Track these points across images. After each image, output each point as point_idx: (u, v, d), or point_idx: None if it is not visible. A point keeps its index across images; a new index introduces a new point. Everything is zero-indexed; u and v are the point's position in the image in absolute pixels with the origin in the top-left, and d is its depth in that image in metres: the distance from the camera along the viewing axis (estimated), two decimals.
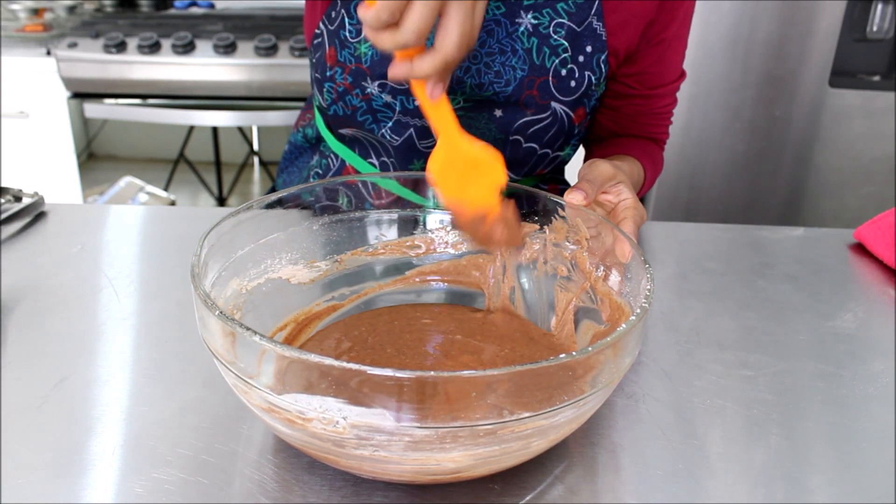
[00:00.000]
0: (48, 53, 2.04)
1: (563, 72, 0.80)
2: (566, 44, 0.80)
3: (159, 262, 0.80)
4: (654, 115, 0.92)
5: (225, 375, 0.49)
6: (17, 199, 0.87)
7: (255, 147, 2.85)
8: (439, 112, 0.59)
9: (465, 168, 0.61)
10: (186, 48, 2.01)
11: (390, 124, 0.84)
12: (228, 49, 2.01)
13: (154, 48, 2.01)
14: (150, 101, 2.09)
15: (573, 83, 0.81)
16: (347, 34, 0.79)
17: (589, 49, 0.81)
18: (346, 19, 0.79)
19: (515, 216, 0.65)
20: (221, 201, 2.57)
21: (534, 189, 0.68)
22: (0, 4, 2.25)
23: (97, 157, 2.84)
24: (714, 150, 1.81)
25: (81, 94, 2.08)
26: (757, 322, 0.74)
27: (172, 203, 2.41)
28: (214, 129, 2.46)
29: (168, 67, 2.02)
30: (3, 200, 0.86)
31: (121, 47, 2.01)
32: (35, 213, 0.88)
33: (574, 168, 0.77)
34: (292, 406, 0.45)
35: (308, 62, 1.99)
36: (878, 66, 1.77)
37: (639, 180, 0.86)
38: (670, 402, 0.62)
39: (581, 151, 0.98)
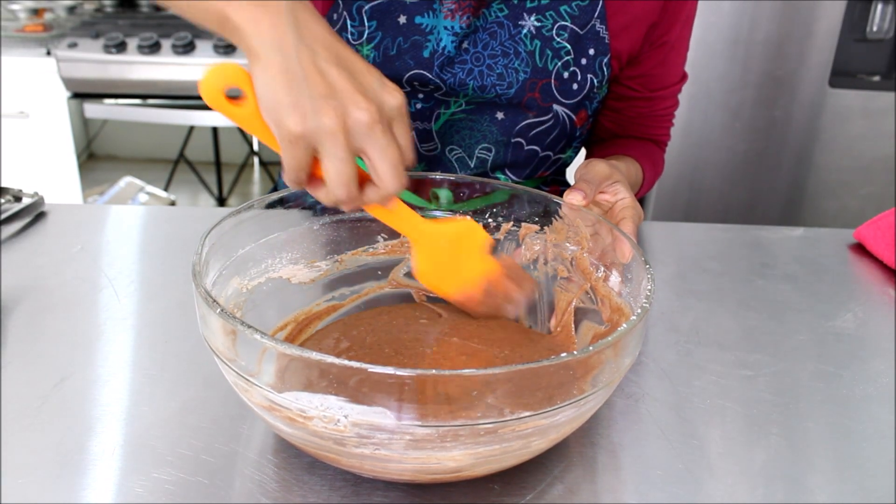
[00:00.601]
0: (48, 53, 2.04)
1: (566, 74, 0.80)
2: (569, 46, 0.80)
3: (159, 262, 0.80)
4: (655, 116, 0.92)
5: (226, 373, 0.49)
6: (17, 199, 0.87)
7: (255, 147, 2.85)
8: (398, 214, 0.56)
9: (450, 253, 0.59)
10: (186, 48, 2.01)
11: None
12: (228, 49, 2.01)
13: (154, 48, 2.01)
14: (150, 101, 2.09)
15: (575, 86, 0.81)
16: (349, 36, 0.79)
17: (592, 52, 0.81)
18: (348, 21, 0.79)
19: (516, 263, 0.64)
20: (221, 201, 2.57)
21: (534, 190, 0.68)
22: (0, 4, 2.25)
23: (97, 157, 2.84)
24: (714, 150, 1.81)
25: (81, 94, 2.08)
26: (757, 322, 0.74)
27: (172, 203, 2.41)
28: (214, 129, 2.46)
29: (168, 67, 2.02)
30: (3, 200, 0.86)
31: (121, 47, 2.01)
32: (35, 213, 0.87)
33: (575, 169, 0.77)
34: (293, 404, 0.45)
35: None
36: (878, 66, 1.77)
37: (637, 180, 0.86)
38: (670, 402, 0.62)
39: (583, 153, 0.98)
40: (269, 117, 0.48)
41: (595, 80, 0.82)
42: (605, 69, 0.82)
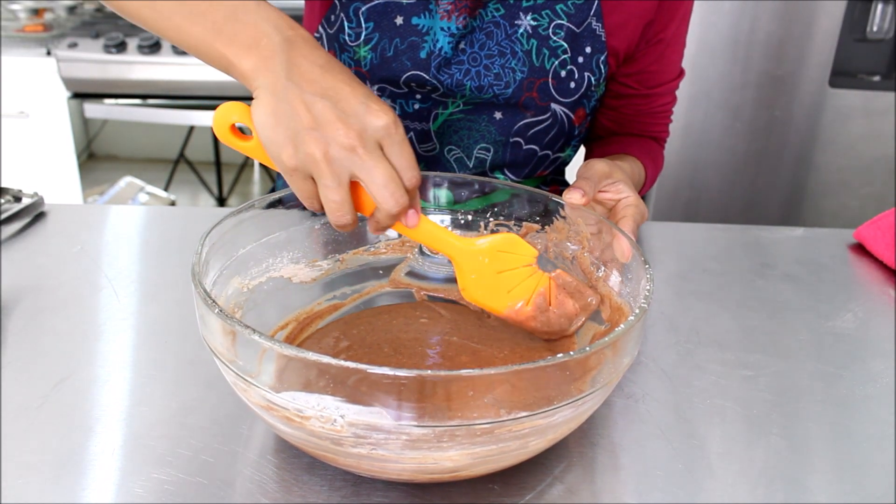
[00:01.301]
0: (48, 53, 2.04)
1: (563, 73, 0.80)
2: (565, 45, 0.80)
3: (159, 262, 0.80)
4: (654, 114, 0.92)
5: (225, 374, 0.49)
6: (17, 199, 0.87)
7: None
8: (430, 234, 0.57)
9: (492, 269, 0.59)
10: None
11: None
12: None
13: (154, 48, 2.01)
14: (150, 101, 2.09)
15: (573, 84, 0.81)
16: (346, 38, 0.79)
17: (588, 50, 0.81)
18: (346, 23, 0.79)
19: (572, 276, 0.63)
20: (221, 201, 2.57)
21: (534, 189, 0.68)
22: (0, 4, 2.25)
23: (97, 157, 2.84)
24: (714, 150, 1.81)
25: (81, 94, 2.07)
26: (757, 322, 0.74)
27: (172, 203, 2.41)
28: None
29: (168, 67, 2.02)
30: (3, 200, 0.86)
31: (121, 47, 2.01)
32: (35, 213, 0.88)
33: (574, 169, 0.77)
34: (290, 404, 0.45)
35: None
36: (878, 66, 1.77)
37: (639, 179, 0.86)
38: (670, 402, 0.62)
39: (582, 151, 0.98)
40: (269, 153, 0.53)
41: (592, 78, 0.82)
42: (601, 67, 0.82)
